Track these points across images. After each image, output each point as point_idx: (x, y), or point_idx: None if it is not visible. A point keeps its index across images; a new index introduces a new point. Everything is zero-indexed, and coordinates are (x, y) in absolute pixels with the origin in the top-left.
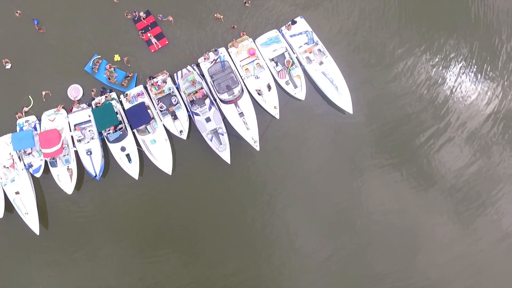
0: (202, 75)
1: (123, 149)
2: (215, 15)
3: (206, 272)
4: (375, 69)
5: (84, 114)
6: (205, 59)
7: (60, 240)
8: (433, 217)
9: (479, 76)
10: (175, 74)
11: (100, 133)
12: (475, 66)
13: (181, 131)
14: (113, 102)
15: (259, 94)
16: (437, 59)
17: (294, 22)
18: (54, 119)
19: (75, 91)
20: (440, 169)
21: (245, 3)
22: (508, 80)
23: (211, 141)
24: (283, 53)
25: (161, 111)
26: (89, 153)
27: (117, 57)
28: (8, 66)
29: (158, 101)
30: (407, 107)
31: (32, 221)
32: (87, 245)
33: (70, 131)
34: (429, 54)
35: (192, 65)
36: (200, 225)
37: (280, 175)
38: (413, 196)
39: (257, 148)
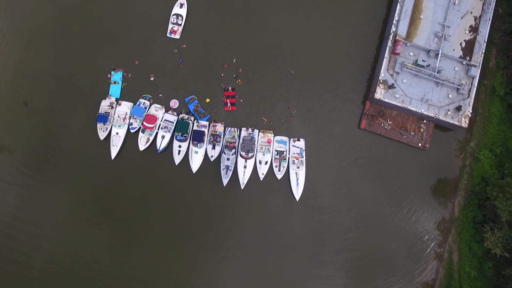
0: (239, 136)
1: (179, 146)
2: (263, 118)
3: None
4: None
5: (172, 117)
6: (246, 129)
7: (114, 169)
8: None
9: None
10: (227, 127)
11: (174, 132)
12: None
13: (212, 156)
14: (190, 122)
15: (259, 163)
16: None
17: (298, 140)
18: (157, 110)
19: (174, 103)
20: None
21: (281, 118)
22: None
23: (222, 170)
24: (284, 151)
25: (209, 140)
26: (162, 137)
27: (207, 100)
28: (152, 78)
29: (210, 134)
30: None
31: (114, 151)
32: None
33: (161, 121)
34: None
35: (238, 129)
36: (169, 220)
37: (240, 210)
38: None
39: (242, 188)
